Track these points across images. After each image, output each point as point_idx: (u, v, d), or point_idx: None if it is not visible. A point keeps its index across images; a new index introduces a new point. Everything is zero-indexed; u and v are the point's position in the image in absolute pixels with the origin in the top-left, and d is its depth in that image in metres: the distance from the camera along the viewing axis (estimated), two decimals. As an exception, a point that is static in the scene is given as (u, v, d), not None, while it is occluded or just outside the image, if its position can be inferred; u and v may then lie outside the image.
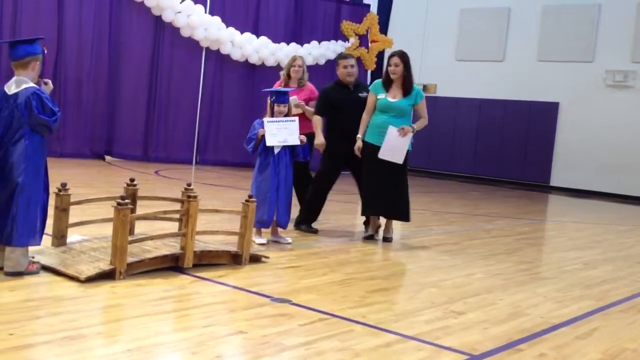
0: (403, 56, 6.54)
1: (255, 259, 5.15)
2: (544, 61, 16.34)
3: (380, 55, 16.23)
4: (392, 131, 6.42)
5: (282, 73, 7.25)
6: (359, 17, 15.43)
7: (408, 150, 6.56)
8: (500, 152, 16.68)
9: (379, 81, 6.73)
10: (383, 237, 6.75)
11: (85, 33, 12.40)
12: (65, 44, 12.20)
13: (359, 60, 15.30)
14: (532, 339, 3.86)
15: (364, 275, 5.21)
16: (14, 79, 4.19)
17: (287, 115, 5.96)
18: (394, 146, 6.43)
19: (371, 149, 6.53)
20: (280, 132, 5.82)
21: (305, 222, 6.90)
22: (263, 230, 5.98)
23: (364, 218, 7.05)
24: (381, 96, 6.59)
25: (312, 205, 6.95)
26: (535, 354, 3.61)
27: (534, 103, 16.32)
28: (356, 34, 15.26)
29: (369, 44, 15.54)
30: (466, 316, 4.23)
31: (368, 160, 6.59)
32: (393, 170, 6.49)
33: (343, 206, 8.85)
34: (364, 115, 6.70)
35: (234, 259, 5.01)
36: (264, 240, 5.91)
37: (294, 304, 4.13)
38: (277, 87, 7.27)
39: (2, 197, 4.09)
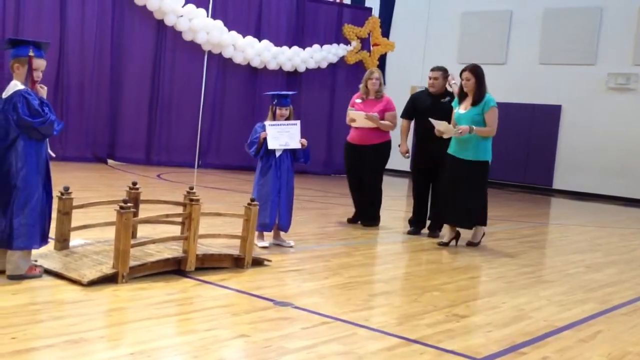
0: (473, 70, 6.72)
1: (257, 263, 5.15)
2: (546, 64, 16.34)
3: (382, 58, 16.23)
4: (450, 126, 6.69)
5: (361, 86, 7.70)
6: (360, 21, 15.44)
7: (488, 162, 6.82)
8: (503, 155, 16.61)
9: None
10: (467, 242, 6.99)
11: (87, 37, 12.43)
12: (67, 48, 12.22)
13: (360, 63, 15.33)
14: (535, 342, 3.85)
15: (366, 279, 5.21)
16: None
17: (288, 118, 5.97)
18: (445, 131, 6.67)
19: (452, 160, 6.76)
20: (281, 135, 5.84)
21: (413, 225, 7.60)
22: (265, 233, 5.99)
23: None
24: (456, 109, 6.84)
25: (415, 211, 7.65)
26: (538, 357, 3.60)
27: (536, 106, 16.31)
28: (358, 38, 15.27)
29: (371, 48, 15.55)
30: (469, 319, 4.23)
31: (449, 170, 6.77)
32: (471, 182, 6.69)
33: (344, 209, 8.84)
34: None
35: (236, 263, 5.01)
36: (266, 244, 5.91)
37: (296, 307, 4.12)
38: (356, 99, 7.73)
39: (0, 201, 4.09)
